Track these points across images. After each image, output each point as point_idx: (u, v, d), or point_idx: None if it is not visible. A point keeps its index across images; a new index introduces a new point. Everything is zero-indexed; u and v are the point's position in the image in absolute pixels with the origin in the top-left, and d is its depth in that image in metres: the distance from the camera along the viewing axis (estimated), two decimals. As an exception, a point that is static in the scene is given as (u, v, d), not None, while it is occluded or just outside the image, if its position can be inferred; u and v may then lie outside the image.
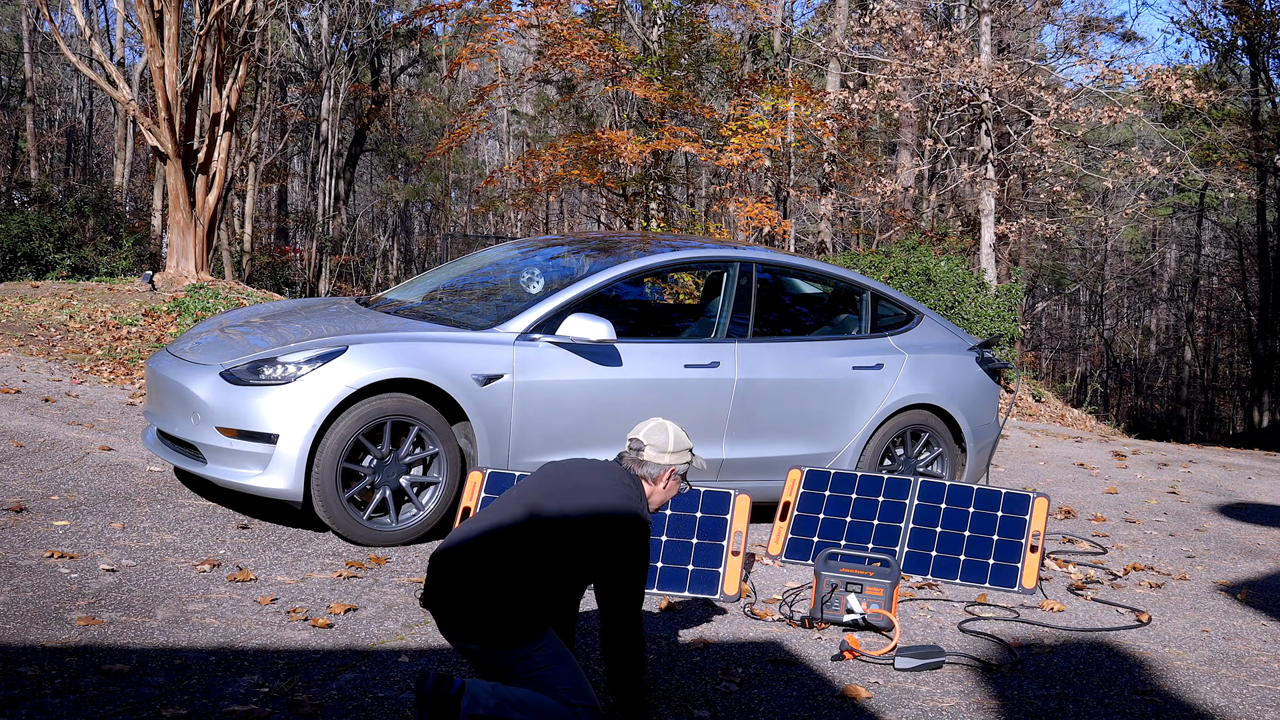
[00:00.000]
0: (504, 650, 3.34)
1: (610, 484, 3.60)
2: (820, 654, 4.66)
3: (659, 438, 3.74)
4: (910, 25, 16.14)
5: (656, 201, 18.63)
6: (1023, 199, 20.89)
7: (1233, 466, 10.98)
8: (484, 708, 3.25)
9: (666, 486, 3.75)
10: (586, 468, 3.68)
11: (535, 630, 3.36)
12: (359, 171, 36.94)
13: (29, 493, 5.67)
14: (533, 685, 3.36)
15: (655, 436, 3.75)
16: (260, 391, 5.31)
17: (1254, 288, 29.88)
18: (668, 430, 3.77)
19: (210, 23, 13.44)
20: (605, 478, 3.63)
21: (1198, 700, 4.49)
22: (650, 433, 3.76)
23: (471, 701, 3.24)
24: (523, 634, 3.34)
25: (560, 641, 3.47)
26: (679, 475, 3.78)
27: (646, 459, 3.72)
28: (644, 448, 3.73)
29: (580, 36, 16.29)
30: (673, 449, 3.73)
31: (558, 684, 3.37)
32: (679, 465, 3.76)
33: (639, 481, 3.71)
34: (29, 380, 8.27)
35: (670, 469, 3.73)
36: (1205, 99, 15.85)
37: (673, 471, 3.74)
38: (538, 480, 3.64)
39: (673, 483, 3.77)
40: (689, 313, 7.88)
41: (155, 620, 4.29)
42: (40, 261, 15.69)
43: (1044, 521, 5.92)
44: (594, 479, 3.61)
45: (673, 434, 3.76)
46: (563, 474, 3.65)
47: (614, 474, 3.67)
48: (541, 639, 3.38)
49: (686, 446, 3.79)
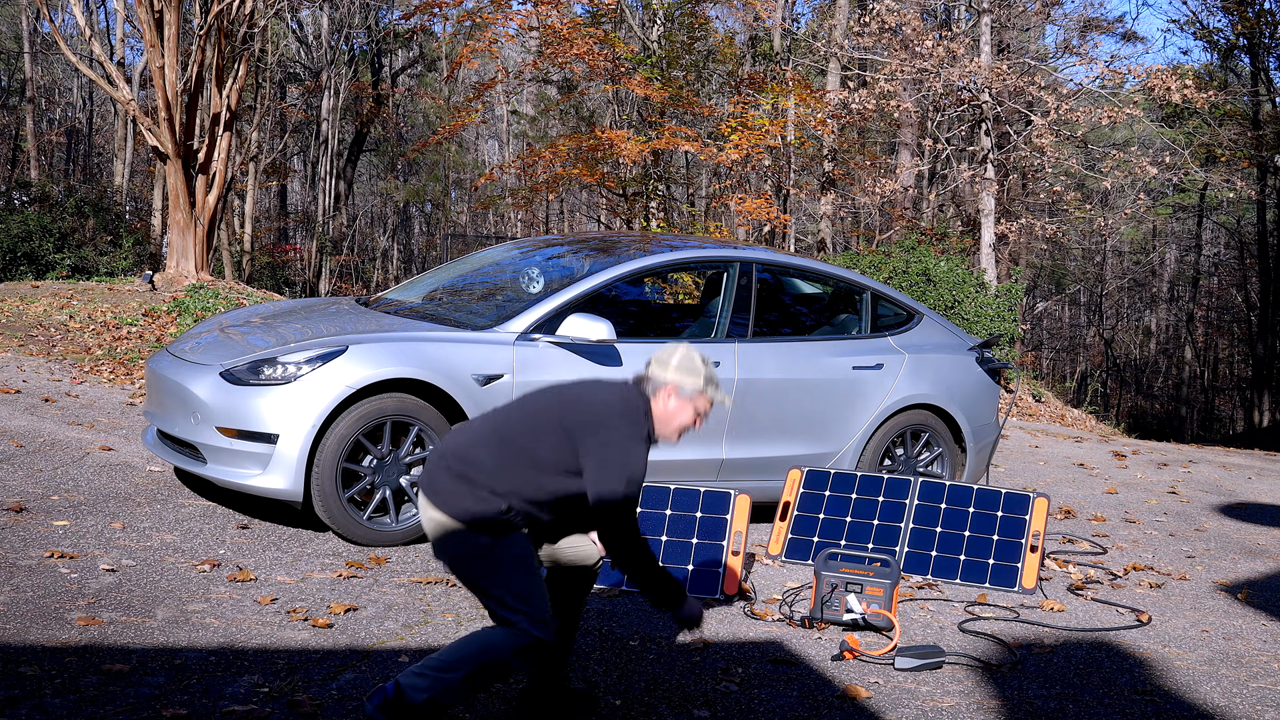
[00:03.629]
0: (473, 534, 3.36)
1: (609, 392, 3.52)
2: (820, 654, 4.66)
3: (665, 353, 3.59)
4: (910, 25, 16.14)
5: (656, 201, 18.63)
6: (1023, 199, 20.89)
7: (1233, 466, 10.98)
8: (422, 690, 3.29)
9: (668, 406, 3.54)
10: (591, 381, 3.62)
11: (505, 525, 3.37)
12: (359, 171, 36.94)
13: (29, 493, 5.67)
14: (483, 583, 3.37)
15: (663, 353, 3.60)
16: (260, 391, 5.31)
17: (1254, 288, 29.88)
18: (678, 349, 3.59)
19: (210, 23, 13.44)
20: (605, 388, 3.55)
21: (1198, 700, 4.49)
22: (662, 350, 3.62)
23: (411, 690, 3.29)
24: (491, 522, 3.35)
25: (530, 549, 3.45)
26: (683, 397, 3.54)
27: (649, 374, 3.57)
28: (650, 362, 3.61)
29: (580, 36, 16.30)
30: (676, 365, 3.54)
31: (506, 584, 3.36)
32: (683, 385, 3.53)
33: (645, 399, 3.55)
34: (29, 380, 8.27)
35: (671, 386, 3.53)
36: (1205, 99, 15.85)
37: (674, 390, 3.53)
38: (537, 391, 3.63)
39: (677, 404, 3.55)
40: (689, 313, 7.89)
41: (155, 620, 4.29)
42: (40, 261, 15.69)
43: (1044, 521, 5.92)
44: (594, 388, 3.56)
45: (681, 353, 3.57)
46: (565, 385, 3.61)
47: (617, 387, 3.57)
48: (509, 537, 3.38)
49: (694, 370, 3.56)
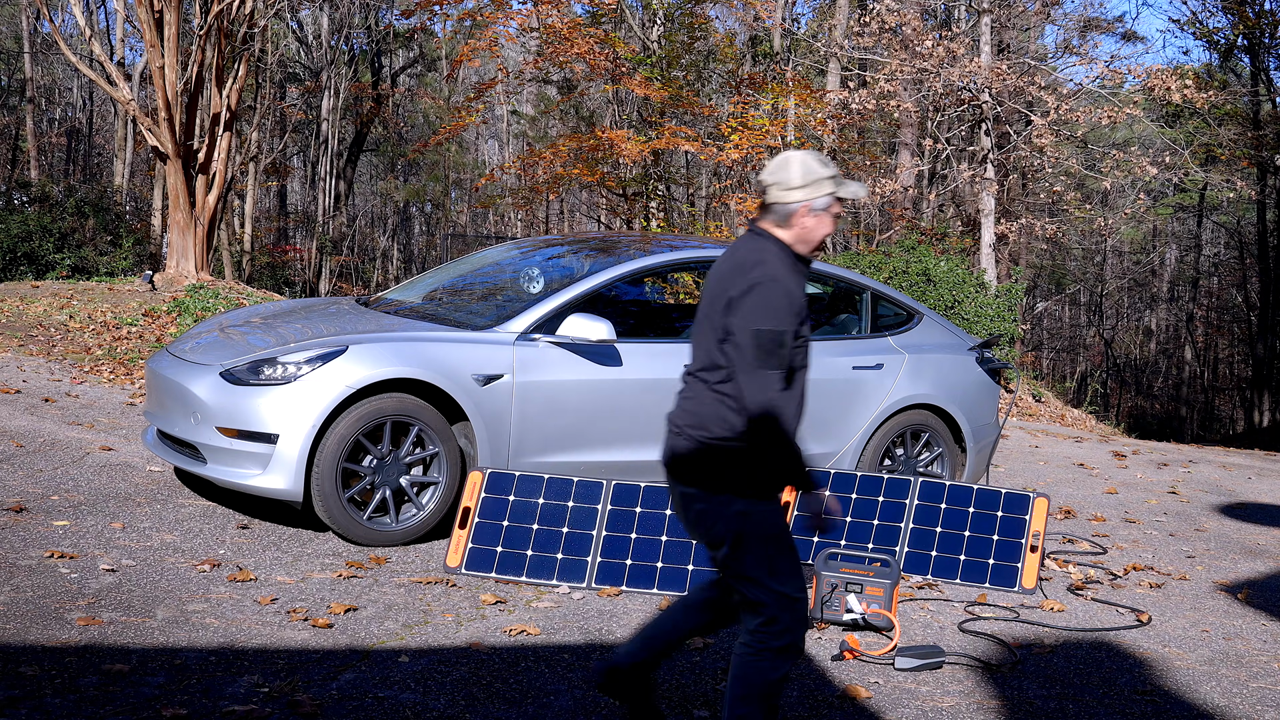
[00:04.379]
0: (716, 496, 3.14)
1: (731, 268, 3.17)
2: (820, 654, 4.66)
3: (781, 172, 3.17)
4: (910, 25, 16.14)
5: (656, 201, 18.63)
6: (1023, 199, 20.89)
7: (1233, 466, 10.98)
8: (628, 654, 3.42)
9: (805, 226, 3.18)
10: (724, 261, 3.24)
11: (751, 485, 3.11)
12: (359, 171, 36.94)
13: (29, 493, 5.67)
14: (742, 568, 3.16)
15: (778, 171, 3.18)
16: (260, 391, 5.31)
17: (1254, 288, 29.88)
18: (790, 162, 3.18)
19: (210, 23, 13.44)
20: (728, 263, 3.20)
21: (1198, 700, 4.49)
22: (773, 168, 3.19)
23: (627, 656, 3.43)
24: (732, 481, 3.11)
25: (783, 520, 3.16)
26: (818, 209, 3.17)
27: (773, 199, 3.17)
28: (767, 188, 3.18)
29: (580, 35, 16.30)
30: (799, 181, 3.15)
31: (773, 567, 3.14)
32: (815, 200, 3.16)
33: (766, 234, 3.20)
34: (29, 380, 8.27)
35: (804, 204, 3.15)
36: (1205, 99, 15.85)
37: (808, 207, 3.16)
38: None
39: (812, 220, 3.17)
40: (689, 313, 7.89)
41: (155, 620, 4.29)
42: (40, 261, 15.69)
43: (1044, 521, 5.92)
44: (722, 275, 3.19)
45: (798, 164, 3.17)
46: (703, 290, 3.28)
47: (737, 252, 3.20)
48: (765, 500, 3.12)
49: (821, 175, 3.17)
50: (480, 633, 4.53)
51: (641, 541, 5.38)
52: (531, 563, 5.28)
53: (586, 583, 5.24)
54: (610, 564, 5.31)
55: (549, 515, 5.42)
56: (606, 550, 5.34)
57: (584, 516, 5.43)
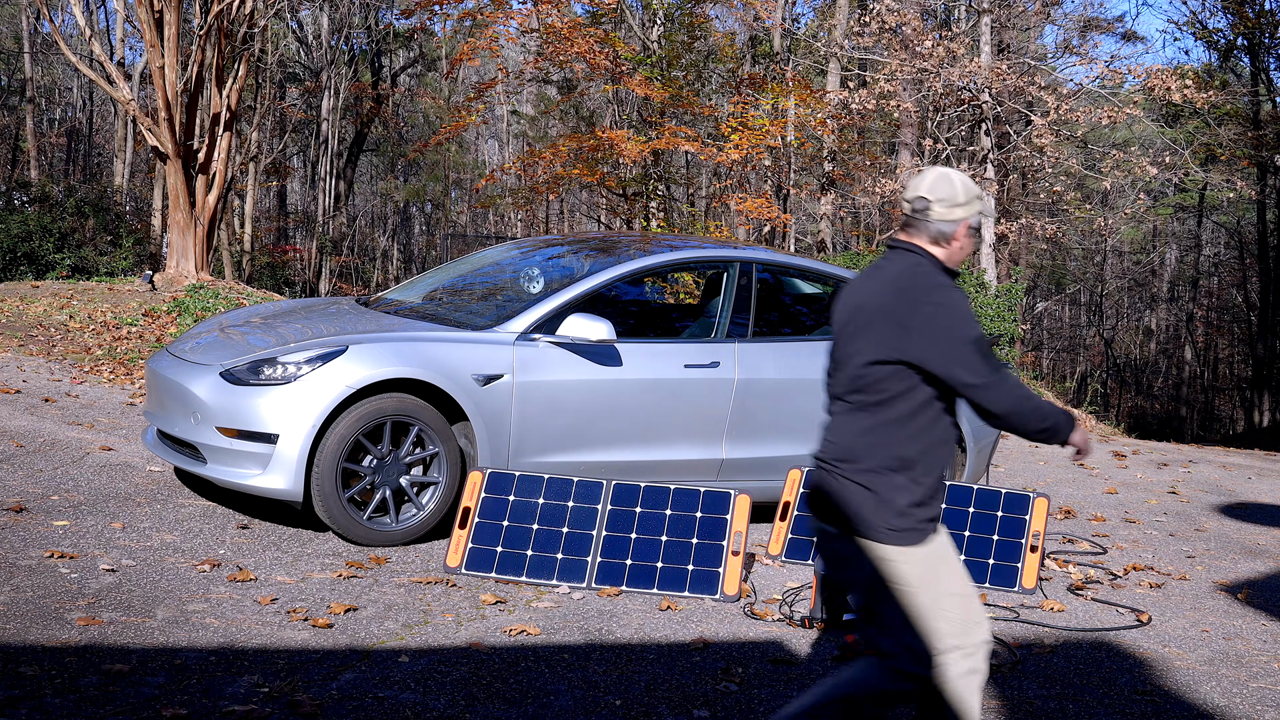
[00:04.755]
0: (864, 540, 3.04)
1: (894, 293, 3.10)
2: (820, 654, 4.66)
3: (945, 189, 3.16)
4: (910, 25, 16.14)
5: (656, 201, 18.64)
6: (1023, 199, 20.89)
7: (1233, 466, 10.98)
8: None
9: (962, 245, 3.19)
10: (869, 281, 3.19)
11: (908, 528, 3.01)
12: (359, 171, 36.94)
13: (29, 493, 5.67)
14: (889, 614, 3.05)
15: (941, 188, 3.16)
16: (260, 391, 5.31)
17: (1254, 288, 29.88)
18: (953, 179, 3.18)
19: (210, 23, 13.44)
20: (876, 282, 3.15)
21: (1198, 700, 4.49)
22: (934, 185, 3.17)
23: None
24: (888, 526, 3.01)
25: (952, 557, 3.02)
26: (973, 229, 3.21)
27: (935, 216, 3.15)
28: (930, 205, 3.16)
29: (580, 35, 16.31)
30: (964, 199, 3.16)
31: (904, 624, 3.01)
32: (973, 218, 3.19)
33: (922, 251, 3.18)
34: (29, 380, 8.27)
35: (964, 222, 3.17)
36: (1205, 99, 15.85)
37: (968, 225, 3.18)
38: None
39: (968, 238, 3.20)
40: (689, 313, 7.88)
41: (155, 620, 4.29)
42: (40, 261, 15.69)
43: (1044, 521, 5.92)
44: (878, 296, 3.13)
45: (959, 182, 3.18)
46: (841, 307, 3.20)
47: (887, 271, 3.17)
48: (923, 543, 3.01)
49: (976, 194, 3.21)
50: (480, 633, 4.53)
51: (641, 541, 5.38)
52: (531, 563, 5.28)
53: (586, 583, 5.24)
54: (610, 564, 5.31)
55: (549, 515, 5.42)
56: (606, 550, 5.34)
57: (584, 516, 5.43)
